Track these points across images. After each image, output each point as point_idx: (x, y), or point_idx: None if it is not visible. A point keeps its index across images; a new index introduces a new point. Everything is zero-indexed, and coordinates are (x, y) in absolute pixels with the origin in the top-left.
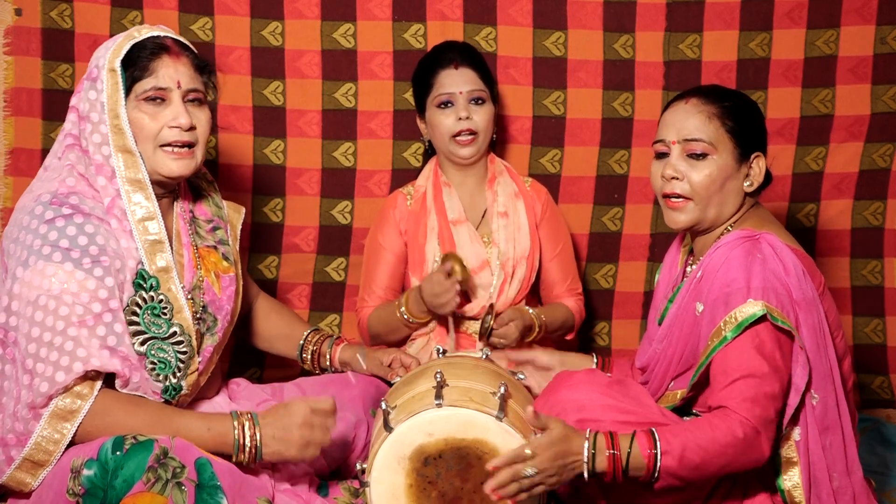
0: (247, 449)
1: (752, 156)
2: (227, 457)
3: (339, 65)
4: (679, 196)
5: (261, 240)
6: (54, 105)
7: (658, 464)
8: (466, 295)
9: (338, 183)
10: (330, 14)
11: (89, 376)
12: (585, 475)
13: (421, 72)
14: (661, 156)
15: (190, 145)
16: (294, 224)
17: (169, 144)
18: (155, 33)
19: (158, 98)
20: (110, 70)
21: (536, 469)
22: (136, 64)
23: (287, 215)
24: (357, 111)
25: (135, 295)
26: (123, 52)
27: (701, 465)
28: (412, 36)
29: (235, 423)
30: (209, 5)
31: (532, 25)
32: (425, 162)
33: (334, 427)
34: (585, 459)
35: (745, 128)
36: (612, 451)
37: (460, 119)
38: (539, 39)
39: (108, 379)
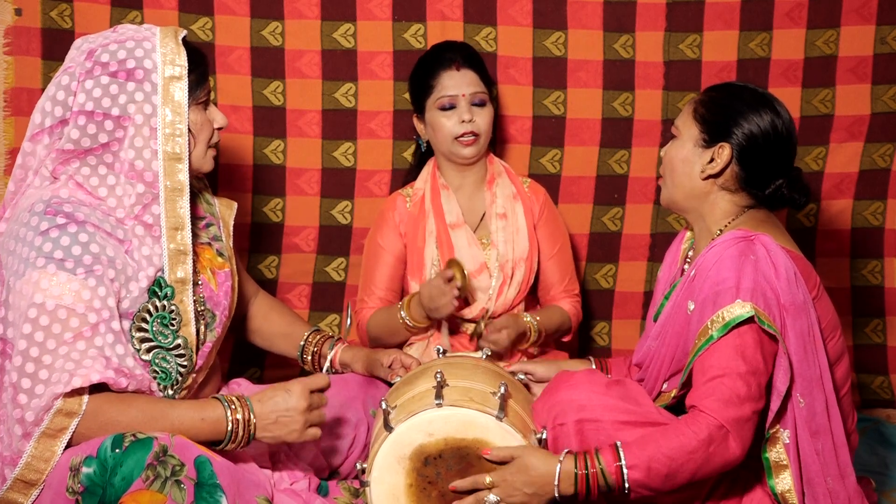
0: (240, 435)
1: (717, 145)
2: (219, 441)
3: (339, 65)
4: (661, 174)
5: (261, 240)
6: None
7: (626, 478)
8: (466, 300)
9: (338, 183)
10: (330, 14)
11: (77, 391)
12: (557, 495)
13: (420, 72)
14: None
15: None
16: (294, 224)
17: (214, 144)
18: (183, 34)
19: (208, 100)
20: (174, 77)
21: (499, 497)
22: (194, 69)
23: (287, 215)
24: (357, 111)
25: (147, 302)
26: (183, 57)
27: (670, 474)
28: (412, 36)
29: (229, 415)
30: (209, 5)
31: (532, 25)
32: (416, 161)
33: (326, 403)
34: (560, 481)
35: (716, 117)
36: (584, 472)
37: (463, 122)
38: (539, 39)
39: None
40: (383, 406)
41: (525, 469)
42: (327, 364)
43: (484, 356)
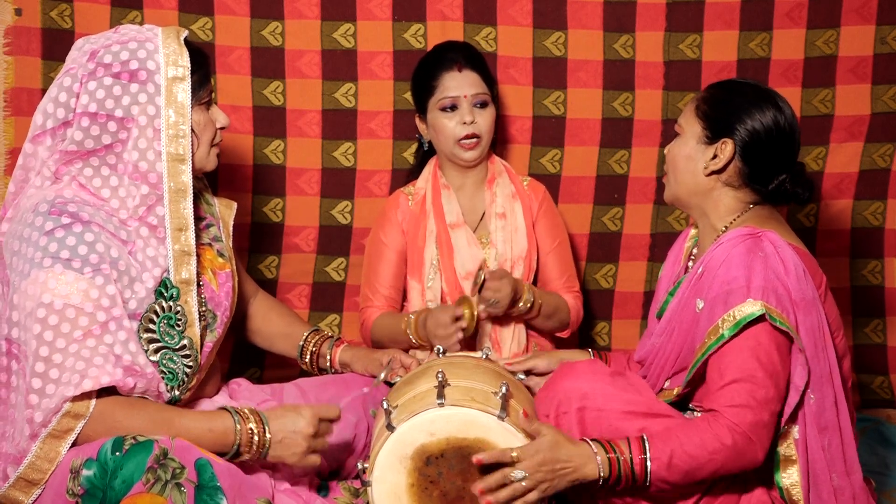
0: (253, 447)
1: (720, 141)
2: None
3: (339, 65)
4: (665, 172)
5: (261, 240)
6: None
7: (648, 470)
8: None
9: (338, 183)
10: (330, 14)
11: (86, 394)
12: (600, 481)
13: (423, 72)
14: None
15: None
16: (294, 224)
17: (217, 144)
18: (185, 34)
19: (211, 101)
20: (177, 78)
21: (525, 473)
22: (197, 70)
23: (287, 215)
24: (357, 111)
25: (154, 303)
26: (186, 58)
27: (689, 471)
28: (412, 36)
29: (238, 427)
30: (209, 5)
31: (532, 25)
32: (418, 160)
33: (331, 433)
34: (599, 463)
35: (718, 113)
36: (615, 456)
37: (465, 123)
38: (539, 39)
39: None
40: (385, 406)
41: (555, 446)
42: (327, 362)
43: (484, 356)
